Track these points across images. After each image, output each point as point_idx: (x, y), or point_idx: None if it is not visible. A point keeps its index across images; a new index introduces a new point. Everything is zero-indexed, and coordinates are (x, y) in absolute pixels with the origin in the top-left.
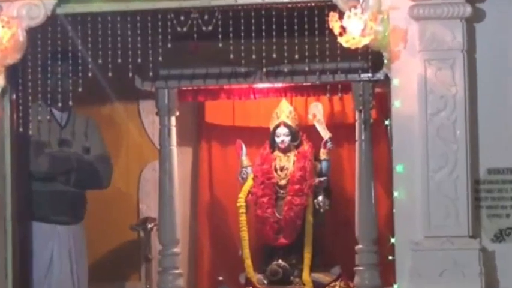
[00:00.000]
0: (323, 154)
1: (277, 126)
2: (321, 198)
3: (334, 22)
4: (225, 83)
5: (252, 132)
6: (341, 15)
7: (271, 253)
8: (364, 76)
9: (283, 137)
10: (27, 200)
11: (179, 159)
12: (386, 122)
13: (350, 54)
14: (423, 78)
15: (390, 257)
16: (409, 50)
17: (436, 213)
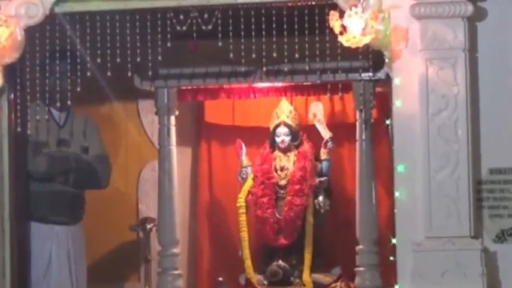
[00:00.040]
0: (323, 154)
1: (278, 125)
2: (321, 198)
3: (334, 21)
4: (225, 82)
5: (252, 131)
6: (342, 14)
7: (271, 254)
8: (365, 75)
9: (283, 136)
10: (25, 200)
11: (178, 159)
12: (387, 121)
13: (351, 53)
14: (424, 77)
15: (391, 258)
16: (410, 49)
17: (437, 214)
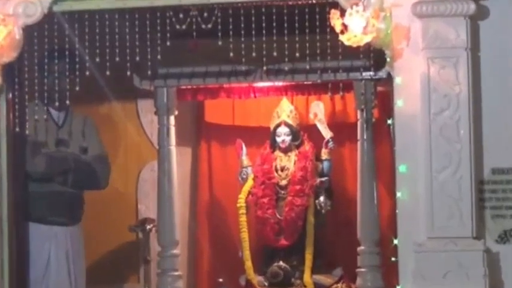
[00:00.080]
0: (324, 154)
1: (278, 125)
2: (322, 198)
3: (335, 20)
4: (225, 81)
5: (252, 131)
6: (343, 13)
7: (272, 254)
8: (366, 74)
9: (283, 136)
10: (23, 200)
11: (178, 159)
12: (389, 121)
13: (352, 52)
14: (426, 76)
15: (393, 259)
16: (412, 48)
17: (439, 214)
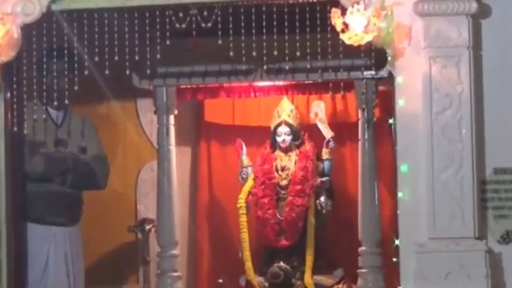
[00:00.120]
0: (325, 154)
1: (278, 125)
2: (323, 198)
3: (336, 18)
4: (225, 80)
5: (253, 131)
6: (343, 12)
7: (272, 255)
8: (367, 74)
9: (284, 136)
10: (22, 200)
11: (178, 159)
12: (390, 120)
13: (353, 51)
14: (428, 75)
15: (394, 259)
16: (414, 47)
17: (441, 214)
